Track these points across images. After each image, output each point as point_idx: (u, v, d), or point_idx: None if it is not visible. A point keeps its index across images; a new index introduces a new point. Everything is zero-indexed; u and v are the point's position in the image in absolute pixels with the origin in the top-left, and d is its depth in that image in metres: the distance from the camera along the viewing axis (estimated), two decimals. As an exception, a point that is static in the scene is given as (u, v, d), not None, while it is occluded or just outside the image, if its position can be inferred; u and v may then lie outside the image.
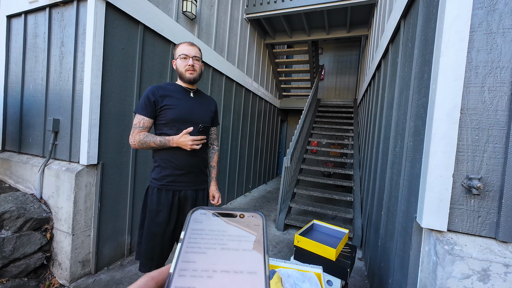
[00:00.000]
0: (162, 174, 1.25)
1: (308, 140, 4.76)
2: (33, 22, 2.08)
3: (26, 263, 1.66)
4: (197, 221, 0.25)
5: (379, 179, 2.08)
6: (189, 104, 1.29)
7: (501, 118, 0.91)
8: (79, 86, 1.82)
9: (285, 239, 2.86)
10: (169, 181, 1.26)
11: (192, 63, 1.25)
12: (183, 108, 1.26)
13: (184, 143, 1.19)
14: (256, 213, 0.27)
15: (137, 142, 1.21)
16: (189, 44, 1.27)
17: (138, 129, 1.22)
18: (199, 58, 1.29)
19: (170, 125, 1.25)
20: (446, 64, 0.95)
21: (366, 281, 2.08)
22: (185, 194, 1.30)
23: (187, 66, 1.25)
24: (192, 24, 2.80)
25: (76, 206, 1.76)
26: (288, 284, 1.05)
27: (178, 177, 1.27)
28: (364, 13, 4.09)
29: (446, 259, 0.92)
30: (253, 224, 0.26)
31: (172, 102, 1.24)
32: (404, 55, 1.63)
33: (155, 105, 1.23)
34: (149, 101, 1.22)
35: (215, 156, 1.51)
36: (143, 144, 1.21)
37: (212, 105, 1.43)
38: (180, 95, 1.29)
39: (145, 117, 1.22)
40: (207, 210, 0.27)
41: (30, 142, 2.12)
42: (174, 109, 1.24)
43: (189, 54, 1.25)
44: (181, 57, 1.25)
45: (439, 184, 0.97)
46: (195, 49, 1.28)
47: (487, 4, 0.92)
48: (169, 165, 1.25)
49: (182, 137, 1.19)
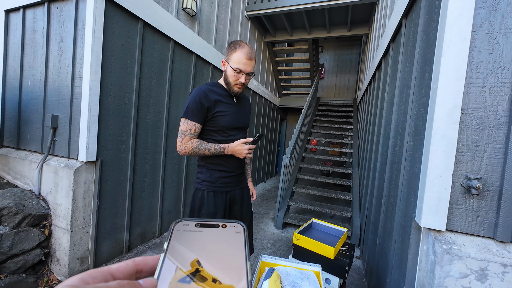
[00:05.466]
0: (215, 177, 1.25)
1: (307, 139, 4.76)
2: (31, 17, 2.06)
3: (24, 259, 1.66)
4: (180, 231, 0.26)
5: (378, 178, 2.09)
6: (235, 109, 1.27)
7: (501, 119, 0.91)
8: (78, 82, 1.81)
9: (284, 237, 2.87)
10: (222, 182, 1.27)
11: (243, 81, 1.19)
12: (233, 115, 1.24)
13: (239, 152, 1.20)
14: (237, 223, 0.28)
15: (188, 150, 1.17)
16: (248, 57, 1.16)
17: (189, 135, 1.17)
18: (253, 74, 1.23)
19: (222, 132, 1.23)
20: (448, 64, 0.95)
21: (364, 280, 2.09)
22: (233, 194, 1.33)
23: (238, 81, 1.19)
24: (192, 21, 2.78)
25: (75, 202, 1.75)
26: (287, 282, 1.05)
27: (229, 178, 1.29)
28: (365, 12, 4.07)
29: (444, 259, 0.92)
30: (234, 234, 0.27)
31: (223, 109, 1.21)
32: (405, 55, 1.63)
33: (208, 111, 1.18)
34: (202, 107, 1.15)
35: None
36: (196, 152, 1.18)
37: (249, 106, 1.42)
38: (227, 100, 1.25)
39: (196, 123, 1.17)
40: (190, 221, 0.27)
41: (28, 138, 2.11)
42: (226, 116, 1.21)
43: (244, 71, 1.17)
44: (235, 70, 1.16)
45: (439, 183, 0.97)
46: (252, 64, 1.19)
47: (490, 4, 0.91)
48: (222, 168, 1.26)
49: (238, 145, 1.19)
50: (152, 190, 2.44)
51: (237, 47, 1.16)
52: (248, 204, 1.44)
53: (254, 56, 1.20)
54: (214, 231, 0.27)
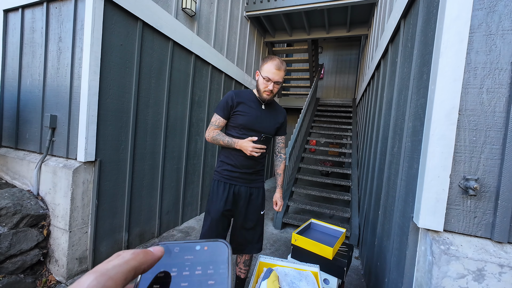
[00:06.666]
0: (222, 168, 1.45)
1: (306, 139, 4.76)
2: (30, 17, 2.06)
3: (22, 260, 1.65)
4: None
5: (376, 178, 2.09)
6: (258, 114, 1.42)
7: (498, 120, 0.92)
8: (77, 82, 1.80)
9: (283, 238, 2.88)
10: (227, 175, 1.44)
11: (272, 88, 1.35)
12: (253, 117, 1.40)
13: (245, 148, 1.34)
14: (220, 243, 0.26)
15: (210, 137, 1.42)
16: (277, 67, 1.32)
17: (214, 126, 1.43)
18: (280, 83, 1.37)
19: (238, 129, 1.41)
20: (445, 65, 0.95)
21: (363, 280, 2.10)
22: (239, 189, 1.45)
23: (266, 88, 1.35)
24: (191, 21, 2.78)
25: (73, 203, 1.75)
26: (285, 283, 1.05)
27: (234, 173, 1.43)
28: (364, 13, 4.08)
29: (442, 259, 0.93)
30: (217, 255, 0.25)
31: (244, 109, 1.39)
32: (403, 55, 1.63)
33: (231, 109, 1.39)
34: (227, 104, 1.39)
35: (282, 164, 1.61)
36: (214, 140, 1.41)
37: (280, 117, 1.53)
38: (253, 104, 1.42)
39: (221, 117, 1.41)
40: (168, 244, 0.26)
41: (27, 138, 2.10)
42: (245, 116, 1.39)
43: (273, 79, 1.33)
44: (265, 79, 1.34)
45: (436, 184, 0.97)
46: (280, 74, 1.34)
47: (487, 5, 0.92)
48: (229, 161, 1.43)
49: (245, 142, 1.34)
50: (151, 190, 2.44)
51: (269, 59, 1.35)
52: (256, 205, 1.49)
53: (284, 68, 1.36)
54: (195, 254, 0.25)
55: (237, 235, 1.50)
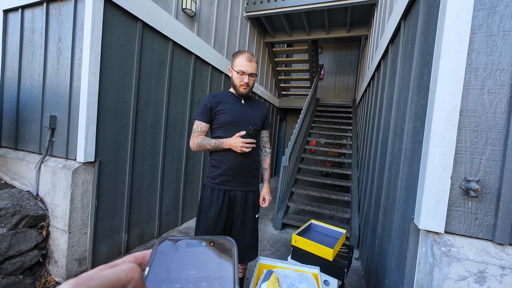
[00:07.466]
0: (215, 174, 1.37)
1: (306, 140, 4.76)
2: (30, 17, 2.06)
3: (21, 261, 1.65)
4: (163, 253, 0.25)
5: (377, 179, 2.09)
6: (240, 108, 1.39)
7: (500, 121, 0.91)
8: (77, 83, 1.80)
9: (283, 238, 2.87)
10: (221, 180, 1.37)
11: (247, 81, 1.34)
12: (236, 112, 1.37)
13: (235, 145, 1.28)
14: (226, 240, 0.26)
15: (195, 144, 1.35)
16: (249, 59, 1.32)
17: (197, 133, 1.36)
18: (255, 74, 1.36)
19: (224, 128, 1.36)
20: (446, 66, 0.95)
21: (363, 281, 2.09)
22: (234, 194, 1.39)
23: (242, 82, 1.34)
24: (191, 22, 2.78)
25: (73, 203, 1.74)
26: (285, 285, 1.05)
27: (229, 177, 1.36)
28: (364, 13, 4.08)
29: (443, 261, 0.92)
30: (223, 251, 0.25)
31: (225, 107, 1.36)
32: (403, 56, 1.63)
33: (211, 111, 1.35)
34: (205, 108, 1.35)
35: (267, 159, 1.57)
36: (201, 146, 1.34)
37: (262, 109, 1.50)
38: (232, 101, 1.40)
39: (202, 122, 1.36)
40: (175, 240, 0.26)
41: (26, 138, 2.10)
42: (227, 113, 1.35)
43: (246, 72, 1.32)
44: (238, 73, 1.33)
45: (437, 185, 0.97)
46: (253, 65, 1.34)
47: (488, 6, 0.92)
48: (222, 165, 1.36)
49: (233, 138, 1.29)
50: (150, 191, 2.44)
51: (238, 54, 1.35)
52: (252, 209, 1.45)
53: (255, 59, 1.35)
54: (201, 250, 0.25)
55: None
